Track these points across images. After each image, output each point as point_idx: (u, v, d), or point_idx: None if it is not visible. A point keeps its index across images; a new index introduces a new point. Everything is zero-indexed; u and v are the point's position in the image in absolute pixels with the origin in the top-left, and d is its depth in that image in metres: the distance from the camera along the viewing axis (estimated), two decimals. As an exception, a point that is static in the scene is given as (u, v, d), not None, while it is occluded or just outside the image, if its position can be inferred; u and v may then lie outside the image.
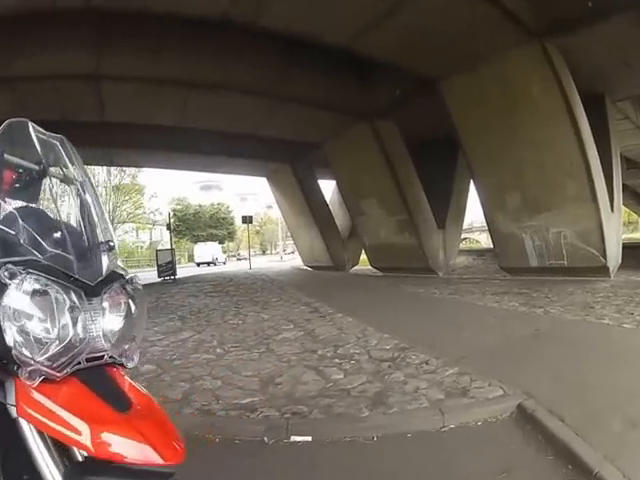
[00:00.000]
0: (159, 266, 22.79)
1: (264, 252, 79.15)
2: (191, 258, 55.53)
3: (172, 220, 30.37)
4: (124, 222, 46.63)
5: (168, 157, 22.61)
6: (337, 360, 5.69)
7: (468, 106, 13.59)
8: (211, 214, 66.46)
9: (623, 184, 37.71)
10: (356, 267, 25.14)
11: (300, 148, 21.55)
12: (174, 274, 22.51)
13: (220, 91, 14.34)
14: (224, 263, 51.77)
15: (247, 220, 34.41)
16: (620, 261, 13.46)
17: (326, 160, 20.66)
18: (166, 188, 76.18)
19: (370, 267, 21.59)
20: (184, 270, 30.76)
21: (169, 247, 26.58)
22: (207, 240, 58.60)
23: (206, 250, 52.04)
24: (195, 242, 59.61)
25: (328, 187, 26.02)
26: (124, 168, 40.53)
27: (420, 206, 17.90)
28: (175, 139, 18.49)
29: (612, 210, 13.10)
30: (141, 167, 37.41)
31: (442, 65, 13.00)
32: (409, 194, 17.64)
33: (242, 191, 72.54)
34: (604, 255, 12.05)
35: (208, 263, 48.88)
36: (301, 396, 4.55)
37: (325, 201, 24.89)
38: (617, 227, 13.61)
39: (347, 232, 24.24)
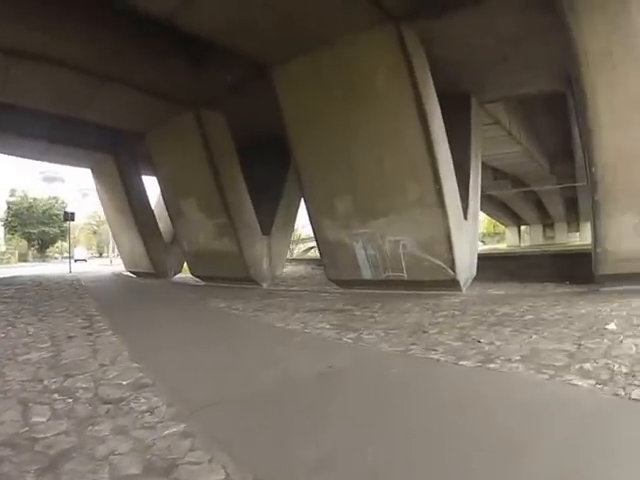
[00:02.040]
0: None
1: (101, 254, 74.09)
2: (22, 257, 59.86)
3: (6, 214, 26.40)
4: None
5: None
6: (56, 395, 4.32)
7: (302, 97, 11.90)
8: (45, 209, 60.06)
9: (489, 195, 38.55)
10: (182, 275, 23.08)
11: (125, 138, 19.37)
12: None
13: (45, 64, 11.68)
14: (85, 261, 60.39)
15: (68, 217, 31.43)
16: (475, 273, 12.48)
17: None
18: (5, 177, 69.98)
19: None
20: (12, 270, 28.51)
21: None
22: (39, 239, 62.02)
23: (80, 251, 64.16)
24: (27, 240, 60.15)
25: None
26: None
27: (242, 209, 16.06)
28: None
29: (466, 218, 11.93)
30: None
31: (279, 48, 11.18)
32: (230, 195, 15.73)
33: (85, 186, 67.36)
34: (452, 267, 10.64)
35: (82, 260, 59.34)
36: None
37: (148, 200, 22.79)
38: (472, 236, 12.53)
39: (171, 236, 21.98)
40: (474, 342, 5.67)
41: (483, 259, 14.55)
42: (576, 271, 12.08)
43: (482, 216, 65.60)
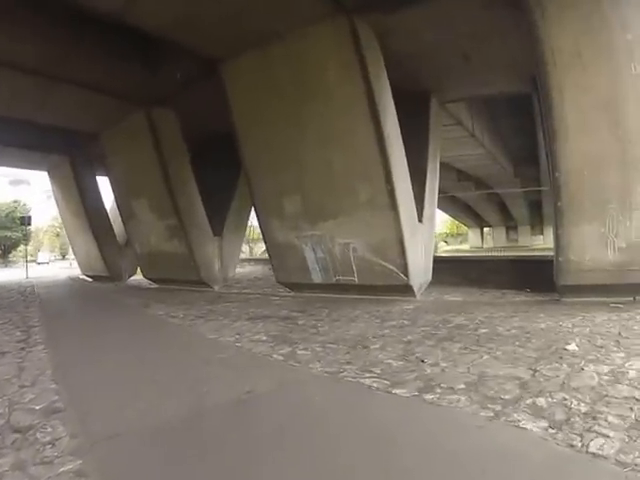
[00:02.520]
0: None
1: (64, 257, 72.78)
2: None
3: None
4: None
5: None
6: (-34, 424, 3.82)
7: (251, 92, 11.28)
8: (7, 213, 58.30)
9: (453, 196, 38.07)
10: (137, 277, 22.19)
11: (80, 139, 18.57)
12: None
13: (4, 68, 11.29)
14: (47, 264, 61.10)
15: (25, 222, 31.51)
16: (430, 278, 11.89)
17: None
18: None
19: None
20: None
21: None
22: (1, 244, 61.93)
23: (43, 254, 66.30)
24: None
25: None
26: None
27: (193, 210, 15.42)
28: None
29: (421, 220, 11.38)
30: None
31: (227, 42, 10.57)
32: (181, 195, 15.11)
33: (50, 188, 66.00)
34: (405, 272, 10.02)
35: (45, 263, 60.97)
36: None
37: (102, 202, 22.16)
38: (427, 240, 11.97)
39: (125, 239, 21.20)
40: (417, 362, 5.08)
41: (441, 262, 14.32)
42: (537, 278, 11.61)
43: (445, 217, 65.64)
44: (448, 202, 45.84)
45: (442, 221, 75.16)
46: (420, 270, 10.76)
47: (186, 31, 9.84)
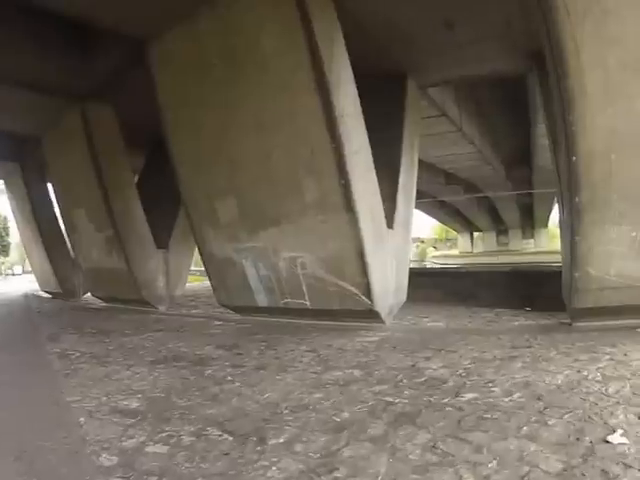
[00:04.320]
0: None
1: None
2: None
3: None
4: None
5: None
6: None
7: (179, 78, 8.95)
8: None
9: (442, 200, 35.87)
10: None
11: (29, 144, 16.58)
12: None
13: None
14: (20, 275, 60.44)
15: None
16: (405, 298, 9.43)
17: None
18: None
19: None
20: None
21: None
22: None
23: (18, 267, 64.61)
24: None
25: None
26: None
27: (131, 219, 12.95)
28: None
29: (391, 226, 8.91)
30: None
31: (153, 18, 8.38)
32: (117, 202, 12.68)
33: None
34: (368, 294, 7.58)
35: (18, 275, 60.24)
36: None
37: (53, 211, 19.28)
38: (401, 250, 9.50)
39: None
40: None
41: (425, 275, 12.27)
42: (537, 292, 9.68)
43: (434, 222, 63.51)
44: (436, 207, 43.35)
45: (431, 226, 73.53)
46: (389, 290, 8.34)
47: (104, 7, 7.85)
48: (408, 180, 10.02)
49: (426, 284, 11.27)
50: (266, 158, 7.86)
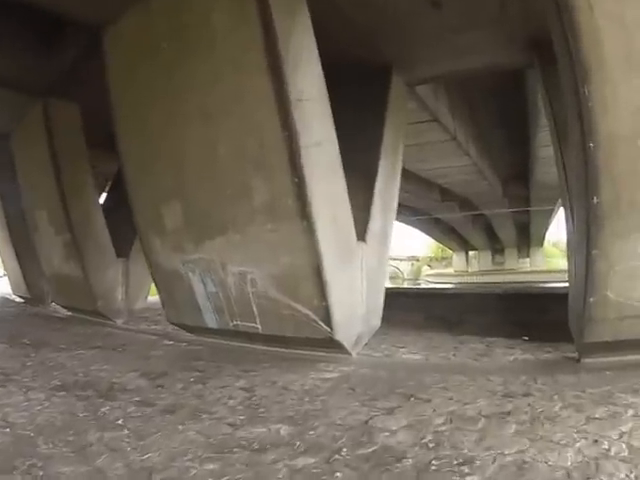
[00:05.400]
0: None
1: None
2: None
3: None
4: None
5: None
6: None
7: (127, 63, 7.53)
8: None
9: (437, 218, 34.71)
10: None
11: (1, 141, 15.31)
12: None
13: None
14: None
15: None
16: (378, 323, 7.74)
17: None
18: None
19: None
20: None
21: None
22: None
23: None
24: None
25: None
26: None
27: (90, 223, 11.60)
28: None
29: (363, 239, 7.31)
30: None
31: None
32: (75, 205, 11.33)
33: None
34: (328, 320, 6.02)
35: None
36: None
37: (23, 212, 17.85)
38: (375, 268, 7.76)
39: None
40: None
41: (407, 296, 11.40)
42: (536, 318, 8.35)
43: (430, 240, 62.27)
44: (432, 224, 41.83)
45: (427, 244, 72.23)
46: (356, 315, 6.81)
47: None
48: (387, 188, 8.56)
49: (408, 306, 9.97)
50: (212, 153, 6.45)
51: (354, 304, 6.70)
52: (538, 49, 7.60)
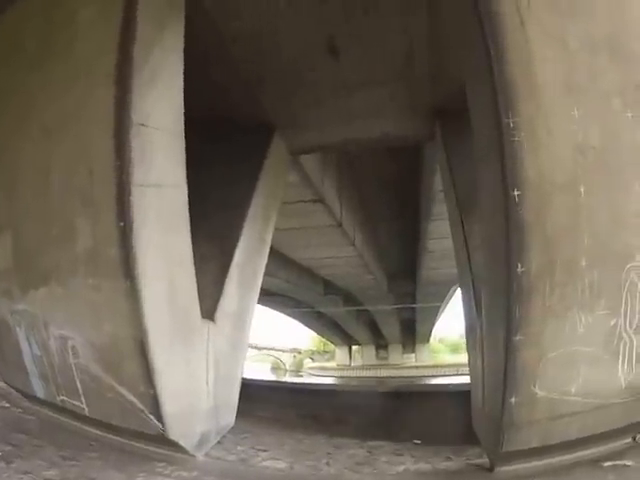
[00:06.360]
0: None
1: None
2: None
3: None
4: None
5: None
6: None
7: (3, 69, 5.74)
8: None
9: (319, 312, 33.82)
10: None
11: None
12: None
13: None
14: None
15: None
16: (232, 421, 6.21)
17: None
18: None
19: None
20: None
21: None
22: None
23: None
24: None
25: None
26: None
27: None
28: None
29: (212, 317, 5.77)
30: None
31: None
32: None
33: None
34: (157, 412, 4.38)
35: None
36: None
37: None
38: (227, 354, 6.19)
39: None
40: None
41: (278, 391, 10.58)
42: (429, 418, 7.16)
43: (312, 333, 62.07)
44: (314, 318, 41.04)
45: (309, 337, 72.11)
46: (198, 410, 5.26)
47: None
48: (250, 262, 7.13)
49: (280, 402, 8.77)
50: (44, 180, 4.90)
51: (196, 395, 5.22)
52: (442, 119, 7.03)
